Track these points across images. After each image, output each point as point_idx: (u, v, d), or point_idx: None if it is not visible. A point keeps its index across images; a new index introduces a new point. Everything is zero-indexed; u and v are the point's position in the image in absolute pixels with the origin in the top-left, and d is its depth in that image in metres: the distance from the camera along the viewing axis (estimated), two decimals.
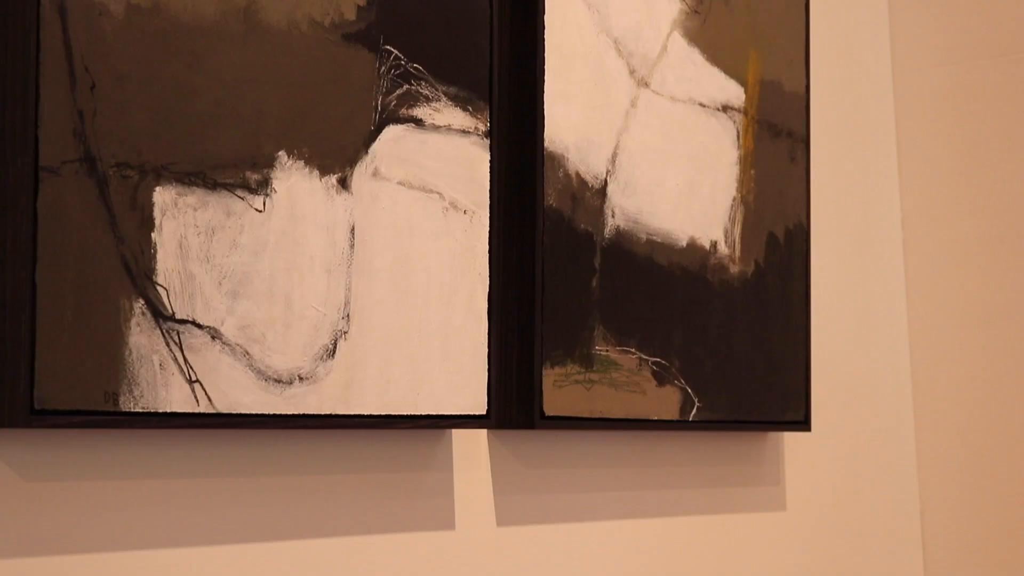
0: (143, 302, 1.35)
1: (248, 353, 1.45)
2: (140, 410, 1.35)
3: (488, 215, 1.72)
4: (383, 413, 1.59)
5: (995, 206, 2.60)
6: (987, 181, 2.61)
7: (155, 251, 1.36)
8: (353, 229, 1.56)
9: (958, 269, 2.63)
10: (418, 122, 1.64)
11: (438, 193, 1.66)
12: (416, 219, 1.64)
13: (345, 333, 1.55)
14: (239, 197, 1.44)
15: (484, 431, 1.80)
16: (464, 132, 1.69)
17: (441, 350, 1.66)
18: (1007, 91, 2.60)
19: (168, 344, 1.37)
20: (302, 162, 1.51)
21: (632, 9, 1.97)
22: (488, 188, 1.72)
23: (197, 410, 1.40)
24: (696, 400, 2.05)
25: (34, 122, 1.27)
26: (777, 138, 2.24)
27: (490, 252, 1.72)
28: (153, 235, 1.36)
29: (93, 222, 1.31)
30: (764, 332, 2.19)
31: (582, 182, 1.88)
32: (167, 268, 1.37)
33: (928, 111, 2.68)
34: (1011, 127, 2.59)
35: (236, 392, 1.44)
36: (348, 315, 1.56)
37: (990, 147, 2.61)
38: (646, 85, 1.99)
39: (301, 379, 1.50)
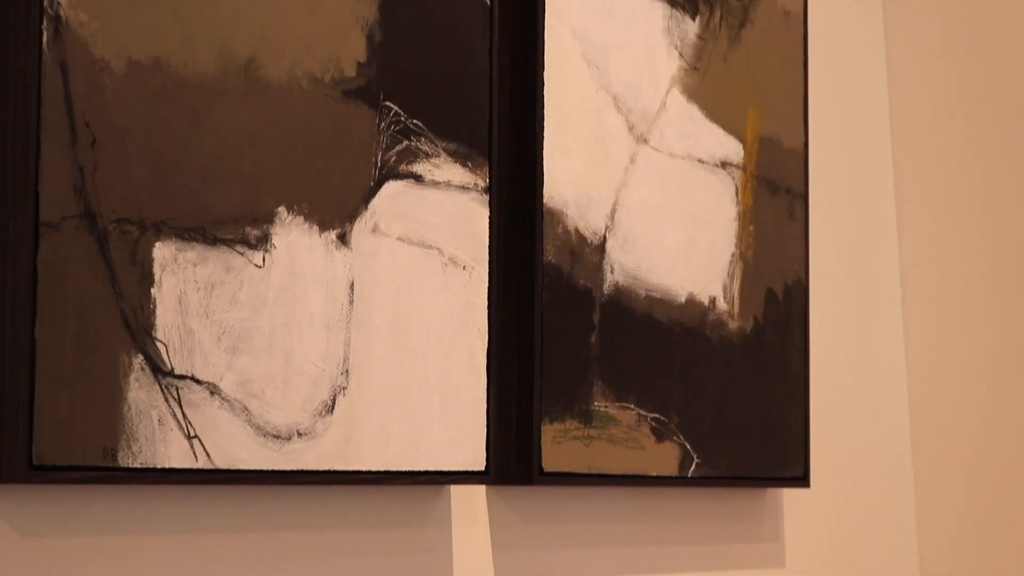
0: (142, 357, 1.35)
1: (247, 409, 1.44)
2: (139, 466, 1.34)
3: (487, 271, 1.72)
4: (382, 469, 1.59)
5: (993, 262, 2.60)
6: (985, 237, 2.62)
7: (155, 306, 1.36)
8: (352, 285, 1.56)
9: (956, 326, 2.63)
10: (418, 178, 1.64)
11: (437, 249, 1.66)
12: (415, 275, 1.64)
13: (344, 389, 1.55)
14: (239, 252, 1.44)
15: (483, 487, 1.80)
16: (463, 188, 1.70)
17: (440, 406, 1.66)
18: (1005, 147, 2.60)
19: (167, 399, 1.37)
20: (302, 217, 1.51)
21: (631, 66, 1.98)
22: (487, 244, 1.72)
23: (196, 466, 1.40)
24: (695, 456, 2.05)
25: (35, 177, 1.27)
26: (776, 194, 2.24)
27: (489, 308, 1.73)
28: (153, 290, 1.36)
29: (93, 277, 1.31)
30: (763, 388, 2.19)
31: (581, 238, 1.88)
32: (166, 323, 1.37)
33: (926, 167, 2.69)
34: (1010, 181, 2.59)
35: (235, 448, 1.43)
36: (347, 371, 1.55)
37: (988, 203, 2.62)
38: (645, 141, 2.00)
39: (300, 435, 1.50)
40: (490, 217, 1.73)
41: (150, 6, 1.37)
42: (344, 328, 1.55)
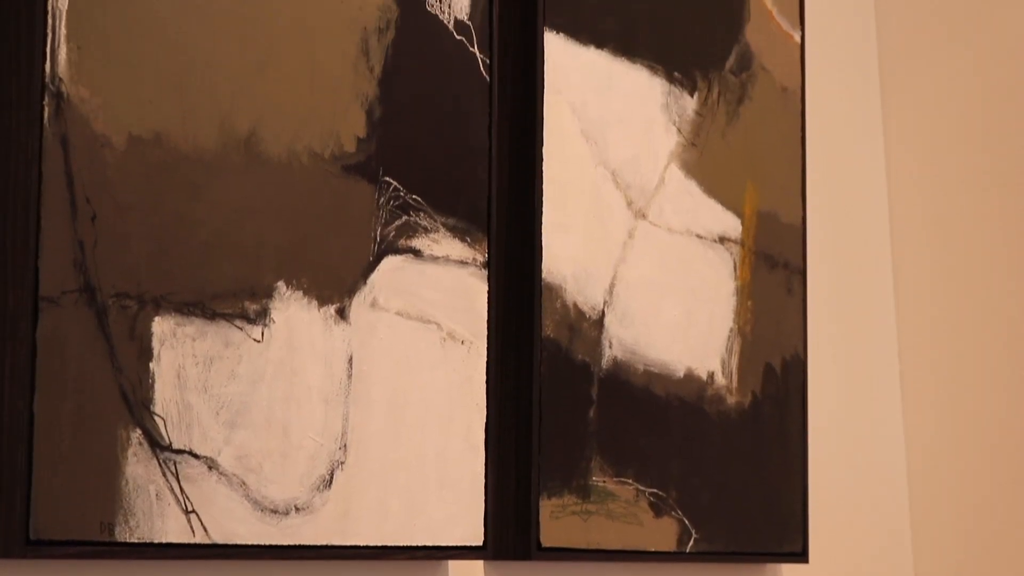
0: (140, 432, 1.35)
1: (245, 483, 1.44)
2: (136, 540, 1.34)
3: (486, 345, 1.73)
4: (380, 544, 1.58)
5: (990, 337, 2.60)
6: (983, 312, 2.62)
7: (153, 381, 1.36)
8: (351, 359, 1.57)
9: (955, 402, 2.63)
10: (417, 253, 1.65)
11: (436, 323, 1.67)
12: (414, 349, 1.64)
13: (342, 463, 1.55)
14: (238, 327, 1.44)
15: (481, 562, 1.79)
16: (462, 263, 1.70)
17: (438, 480, 1.66)
18: (1004, 221, 2.61)
19: (165, 474, 1.37)
20: (301, 292, 1.51)
21: (630, 141, 1.99)
22: (486, 318, 1.73)
23: (193, 540, 1.39)
24: (693, 531, 2.04)
25: (35, 252, 1.27)
26: (774, 269, 2.25)
27: (487, 382, 1.73)
28: (151, 365, 1.36)
29: (92, 352, 1.31)
30: (761, 463, 2.18)
31: (580, 313, 1.88)
32: (165, 398, 1.37)
33: (923, 243, 2.69)
34: (1009, 255, 2.60)
35: (232, 522, 1.43)
36: (345, 445, 1.55)
37: (987, 278, 2.62)
38: (643, 217, 2.01)
39: (298, 509, 1.50)
40: (489, 292, 1.73)
41: (151, 82, 1.38)
42: (342, 403, 1.55)
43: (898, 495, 2.64)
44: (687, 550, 2.03)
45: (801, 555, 2.25)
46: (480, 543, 1.70)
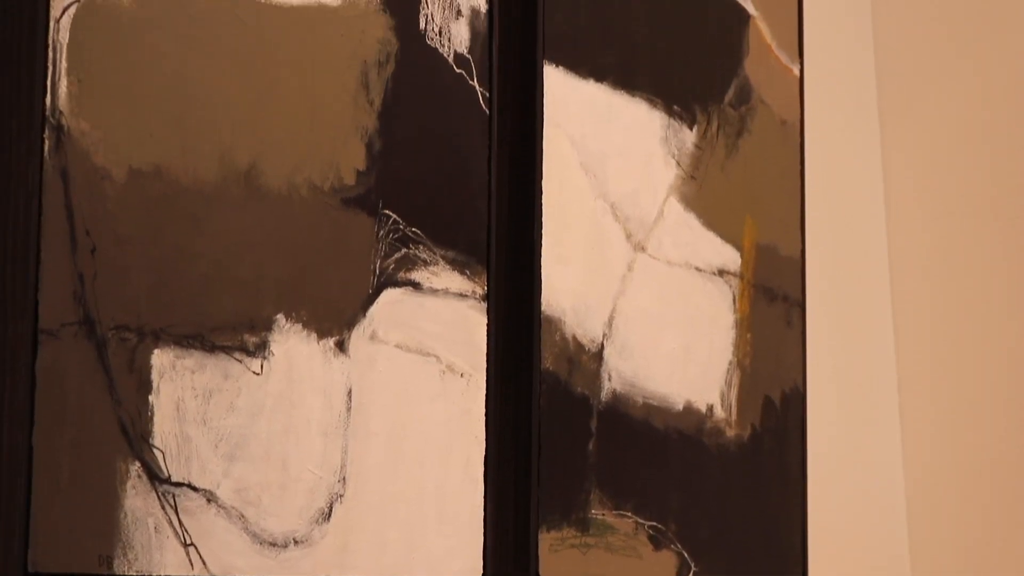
0: (139, 465, 1.35)
1: (244, 516, 1.44)
2: (135, 573, 1.34)
3: (485, 378, 1.73)
4: None
5: (991, 371, 2.60)
6: (983, 346, 2.62)
7: (152, 413, 1.36)
8: (350, 392, 1.57)
9: (954, 435, 2.63)
10: (416, 285, 1.65)
11: (435, 356, 1.67)
12: (413, 382, 1.64)
13: (341, 496, 1.55)
14: (237, 360, 1.44)
15: None
16: (462, 295, 1.70)
17: (437, 513, 1.66)
18: (1001, 253, 2.61)
19: (164, 507, 1.37)
20: (300, 325, 1.51)
21: (630, 174, 2.00)
22: (485, 351, 1.73)
23: (192, 574, 1.39)
24: (692, 564, 2.04)
25: (34, 285, 1.28)
26: (773, 302, 2.25)
27: (487, 415, 1.73)
28: (151, 397, 1.36)
29: (91, 384, 1.31)
30: (761, 496, 2.18)
31: (579, 345, 1.89)
32: (164, 431, 1.37)
33: (924, 276, 2.69)
34: (1007, 289, 2.60)
35: (231, 556, 1.43)
36: (344, 478, 1.55)
37: (986, 311, 2.62)
38: (643, 249, 2.01)
39: (296, 542, 1.50)
40: (488, 324, 1.74)
41: (151, 115, 1.38)
42: (341, 435, 1.55)
43: (897, 529, 2.64)
44: None
45: None
46: None
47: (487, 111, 1.75)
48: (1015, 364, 2.57)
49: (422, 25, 1.68)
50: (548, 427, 1.82)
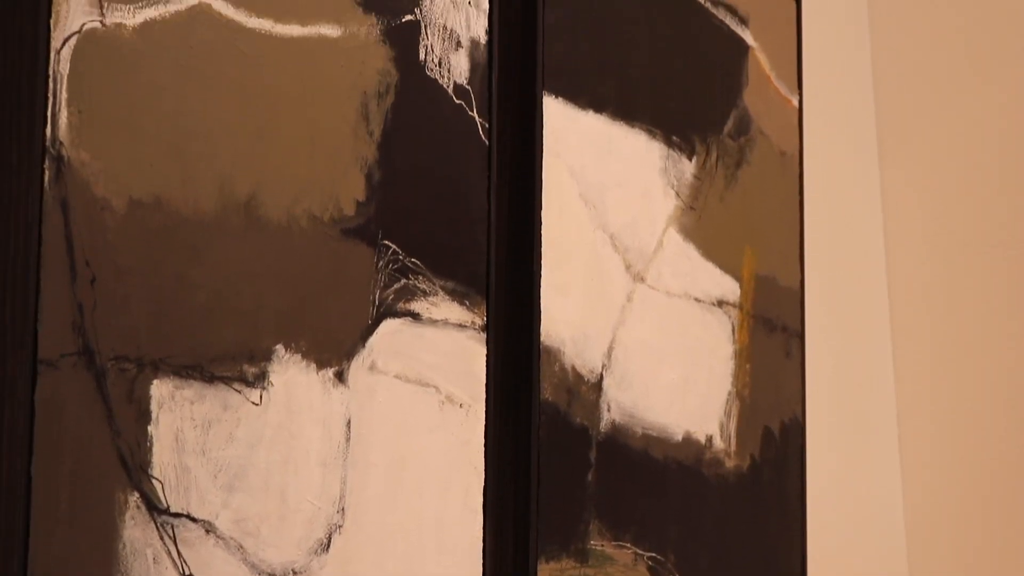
0: (138, 495, 1.35)
1: (242, 547, 1.44)
2: None
3: (484, 409, 1.73)
4: None
5: (990, 402, 2.60)
6: (982, 375, 2.62)
7: (151, 444, 1.36)
8: (349, 422, 1.56)
9: (953, 466, 2.62)
10: (415, 316, 1.65)
11: (434, 387, 1.67)
12: (412, 413, 1.64)
13: (340, 527, 1.55)
14: (236, 390, 1.44)
15: None
16: (461, 326, 1.70)
17: (436, 544, 1.65)
18: (1001, 284, 2.61)
19: (162, 538, 1.36)
20: (299, 355, 1.51)
21: (629, 205, 2.00)
22: (484, 382, 1.73)
23: None
24: None
25: (34, 315, 1.28)
26: (772, 333, 2.25)
27: (486, 446, 1.72)
28: (150, 428, 1.36)
29: (90, 415, 1.31)
30: (760, 527, 2.18)
31: (578, 376, 1.88)
32: (163, 461, 1.37)
33: (923, 307, 2.70)
34: (1007, 319, 2.60)
35: None
36: (343, 509, 1.55)
37: (986, 341, 2.62)
38: (642, 280, 2.01)
39: (295, 573, 1.49)
40: (487, 355, 1.74)
41: (152, 145, 1.39)
42: (340, 466, 1.55)
43: (897, 560, 2.63)
44: None
45: None
46: None
47: (486, 142, 1.76)
48: (1014, 394, 2.57)
49: (422, 56, 1.69)
50: (547, 458, 1.82)
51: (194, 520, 1.40)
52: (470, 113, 1.74)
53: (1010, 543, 2.56)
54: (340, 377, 1.56)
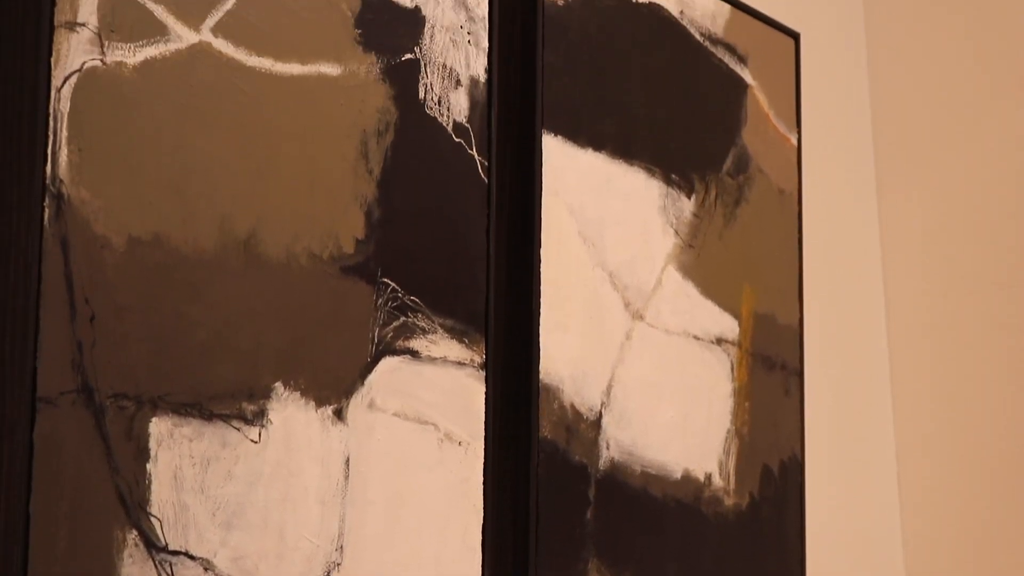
0: (136, 533, 1.34)
1: None
2: None
3: (483, 447, 1.72)
4: None
5: (989, 441, 2.60)
6: (981, 415, 2.62)
7: (150, 482, 1.36)
8: (348, 460, 1.56)
9: (952, 505, 2.62)
10: (414, 354, 1.65)
11: (433, 425, 1.67)
12: (411, 451, 1.64)
13: (338, 565, 1.54)
14: (235, 428, 1.44)
15: None
16: (460, 364, 1.70)
17: None
18: (992, 323, 2.62)
19: (160, 575, 1.36)
20: (298, 393, 1.51)
21: (628, 243, 2.00)
22: (483, 420, 1.73)
23: None
24: None
25: (33, 353, 1.28)
26: (771, 371, 2.25)
27: (484, 484, 1.72)
28: (148, 466, 1.36)
29: (89, 453, 1.31)
30: (759, 565, 2.18)
31: (577, 414, 1.88)
32: (161, 499, 1.37)
33: (921, 345, 2.70)
34: (1005, 358, 2.60)
35: None
36: (341, 547, 1.55)
37: (984, 378, 2.62)
38: (641, 318, 2.01)
39: None
40: (486, 393, 1.73)
41: (151, 183, 1.39)
42: (339, 504, 1.55)
43: None
44: None
45: None
46: None
47: (486, 180, 1.76)
48: (1012, 430, 2.57)
49: (421, 95, 1.69)
50: (546, 496, 1.82)
51: (192, 558, 1.40)
52: (469, 151, 1.75)
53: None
54: (339, 415, 1.56)
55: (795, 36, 2.41)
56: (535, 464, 1.81)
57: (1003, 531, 2.57)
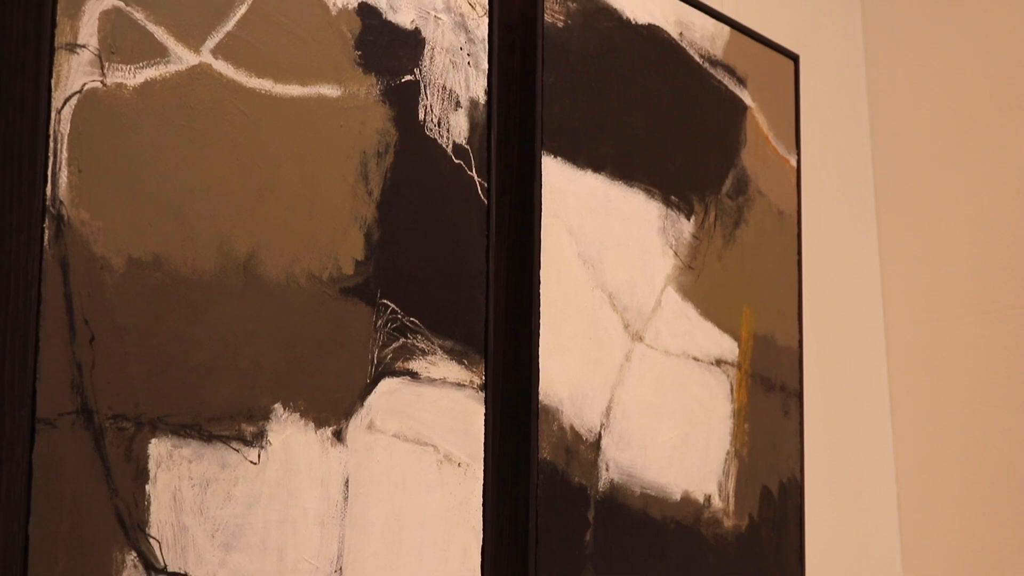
0: (135, 555, 1.34)
1: None
2: None
3: (483, 468, 1.72)
4: None
5: (988, 468, 2.60)
6: (980, 438, 2.62)
7: (149, 503, 1.36)
8: (347, 482, 1.56)
9: (952, 527, 2.62)
10: (414, 375, 1.65)
11: (432, 446, 1.67)
12: (410, 472, 1.64)
13: None
14: (234, 449, 1.44)
15: None
16: (459, 385, 1.70)
17: None
18: (992, 346, 2.61)
19: None
20: (298, 414, 1.51)
21: (627, 264, 2.00)
22: (483, 441, 1.73)
23: None
24: None
25: (32, 374, 1.28)
26: (771, 392, 2.25)
27: (484, 505, 1.72)
28: (147, 487, 1.36)
29: (88, 474, 1.31)
30: None
31: (576, 435, 1.88)
32: (160, 520, 1.37)
33: (921, 366, 2.70)
34: (1003, 382, 2.60)
35: None
36: (341, 568, 1.54)
37: (983, 403, 2.62)
38: (640, 339, 2.01)
39: None
40: (486, 414, 1.73)
41: (151, 205, 1.39)
42: (338, 525, 1.55)
43: None
44: None
45: None
46: None
47: (485, 201, 1.76)
48: (1011, 453, 2.57)
49: (421, 116, 1.69)
50: (545, 517, 1.82)
51: None
52: (469, 173, 1.75)
53: None
54: (338, 436, 1.56)
55: (794, 58, 2.42)
56: (534, 486, 1.81)
57: (1002, 551, 2.56)
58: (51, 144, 1.31)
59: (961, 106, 2.75)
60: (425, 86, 1.70)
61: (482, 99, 1.77)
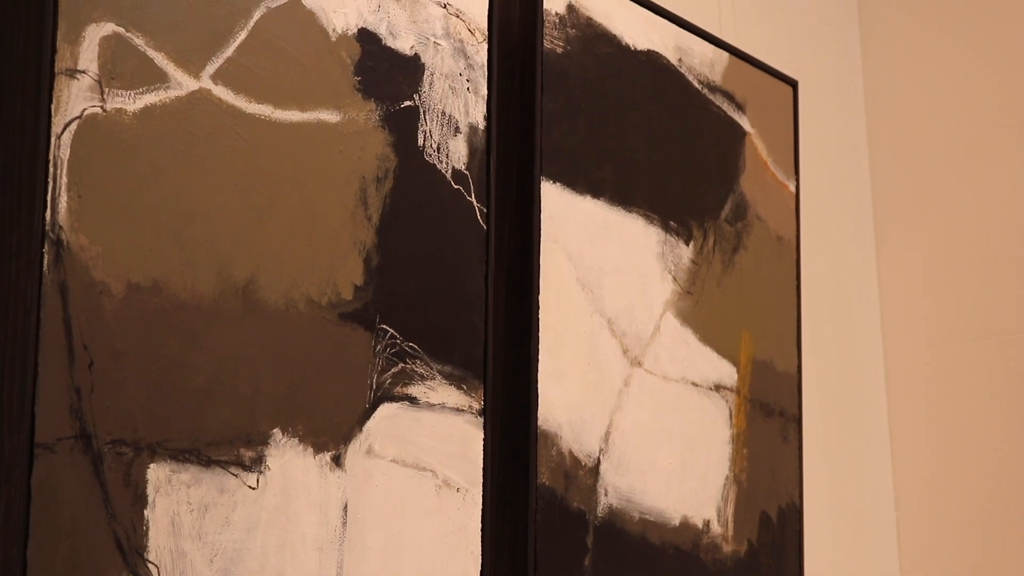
0: None
1: None
2: None
3: (481, 493, 1.72)
4: None
5: (988, 487, 2.60)
6: (979, 459, 2.61)
7: (147, 528, 1.36)
8: (346, 507, 1.56)
9: (952, 549, 2.62)
10: (412, 400, 1.65)
11: (431, 471, 1.67)
12: (409, 497, 1.64)
13: None
14: (233, 474, 1.44)
15: None
16: (458, 410, 1.70)
17: None
18: (990, 371, 2.62)
19: None
20: (296, 439, 1.51)
21: (626, 290, 2.00)
22: (481, 466, 1.73)
23: None
24: None
25: (31, 399, 1.28)
26: (769, 417, 2.25)
27: (483, 531, 1.72)
28: (146, 512, 1.36)
29: (86, 499, 1.31)
30: None
31: (575, 460, 1.88)
32: (159, 545, 1.37)
33: (920, 393, 2.70)
34: (1003, 406, 2.60)
35: None
36: None
37: (982, 428, 2.62)
38: (639, 364, 2.01)
39: None
40: (484, 439, 1.73)
41: (151, 230, 1.39)
42: (337, 550, 1.55)
43: None
44: None
45: None
46: None
47: (484, 226, 1.76)
48: (1012, 476, 2.57)
49: (420, 141, 1.70)
50: (544, 543, 1.82)
51: None
52: (468, 198, 1.75)
53: None
54: (337, 461, 1.56)
55: (793, 84, 2.42)
56: (533, 511, 1.81)
57: (1004, 572, 2.56)
58: (51, 169, 1.31)
59: (960, 131, 2.75)
60: (424, 112, 1.70)
61: (481, 124, 1.78)
